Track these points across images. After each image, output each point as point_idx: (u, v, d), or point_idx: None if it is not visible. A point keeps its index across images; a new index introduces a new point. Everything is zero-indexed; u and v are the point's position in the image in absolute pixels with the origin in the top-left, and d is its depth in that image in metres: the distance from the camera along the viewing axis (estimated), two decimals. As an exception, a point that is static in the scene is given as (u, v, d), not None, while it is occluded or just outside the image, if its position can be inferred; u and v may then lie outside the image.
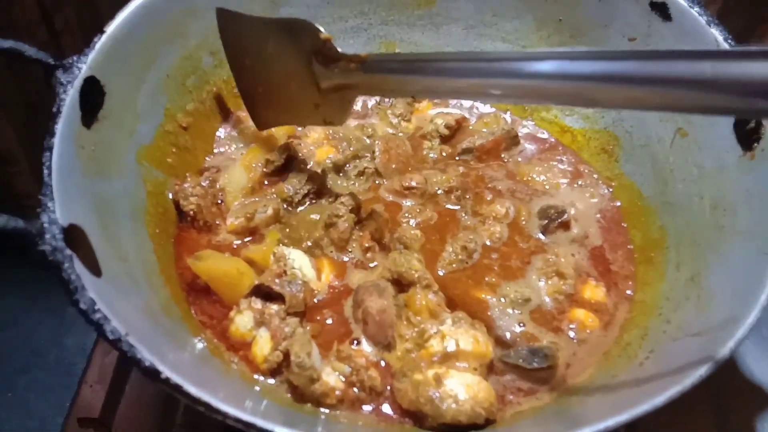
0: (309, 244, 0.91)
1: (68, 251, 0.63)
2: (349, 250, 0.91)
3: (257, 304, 0.81)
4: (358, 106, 1.13)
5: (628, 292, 0.90)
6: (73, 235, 0.66)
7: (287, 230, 0.93)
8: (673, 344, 0.74)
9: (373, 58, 0.82)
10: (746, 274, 0.73)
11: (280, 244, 0.89)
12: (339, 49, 0.84)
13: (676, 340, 0.75)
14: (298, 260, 0.86)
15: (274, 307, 0.80)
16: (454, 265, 0.91)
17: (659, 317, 0.81)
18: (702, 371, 0.62)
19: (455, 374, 0.74)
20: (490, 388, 0.75)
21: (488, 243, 0.94)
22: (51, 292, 0.62)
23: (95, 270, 0.67)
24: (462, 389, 0.72)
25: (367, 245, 0.91)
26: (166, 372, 0.59)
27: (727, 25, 0.87)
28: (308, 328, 0.81)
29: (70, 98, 0.75)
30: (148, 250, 0.83)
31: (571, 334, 0.85)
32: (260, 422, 0.59)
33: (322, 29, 0.84)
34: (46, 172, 0.69)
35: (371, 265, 0.90)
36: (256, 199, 0.95)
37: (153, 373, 0.59)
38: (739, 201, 0.81)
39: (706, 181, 0.87)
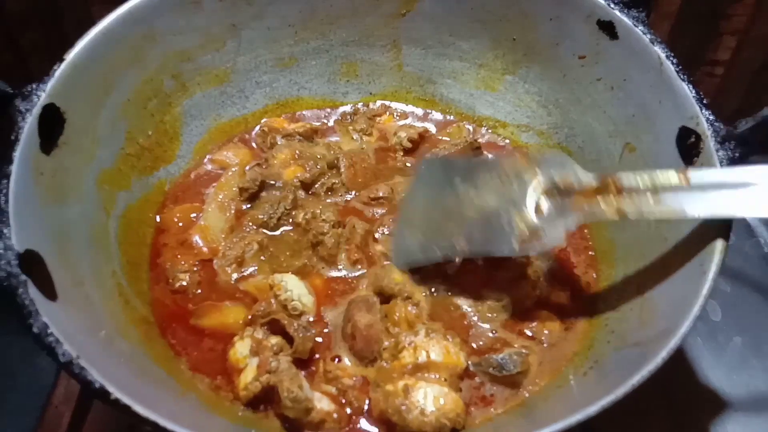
0: (298, 265, 0.93)
1: (23, 277, 0.65)
2: (339, 264, 0.93)
3: (259, 333, 0.82)
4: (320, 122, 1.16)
5: (588, 299, 0.93)
6: (29, 261, 0.68)
7: (273, 257, 0.94)
8: (615, 354, 0.77)
9: None
10: (685, 287, 0.75)
11: (274, 273, 0.90)
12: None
13: (618, 350, 0.77)
14: (296, 289, 0.87)
15: (272, 341, 0.81)
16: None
17: (605, 327, 0.84)
18: (635, 380, 0.64)
19: (424, 385, 0.75)
20: (458, 399, 0.76)
21: None
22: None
23: (50, 294, 0.68)
24: (429, 400, 0.74)
25: (355, 257, 0.93)
26: (116, 393, 0.60)
27: (680, 39, 0.89)
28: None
29: (29, 126, 0.76)
30: (107, 274, 0.84)
31: (542, 338, 0.87)
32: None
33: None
34: (2, 199, 0.70)
35: (358, 274, 0.92)
36: (236, 239, 0.95)
37: (102, 394, 0.60)
38: (681, 214, 0.84)
39: (652, 195, 0.90)
